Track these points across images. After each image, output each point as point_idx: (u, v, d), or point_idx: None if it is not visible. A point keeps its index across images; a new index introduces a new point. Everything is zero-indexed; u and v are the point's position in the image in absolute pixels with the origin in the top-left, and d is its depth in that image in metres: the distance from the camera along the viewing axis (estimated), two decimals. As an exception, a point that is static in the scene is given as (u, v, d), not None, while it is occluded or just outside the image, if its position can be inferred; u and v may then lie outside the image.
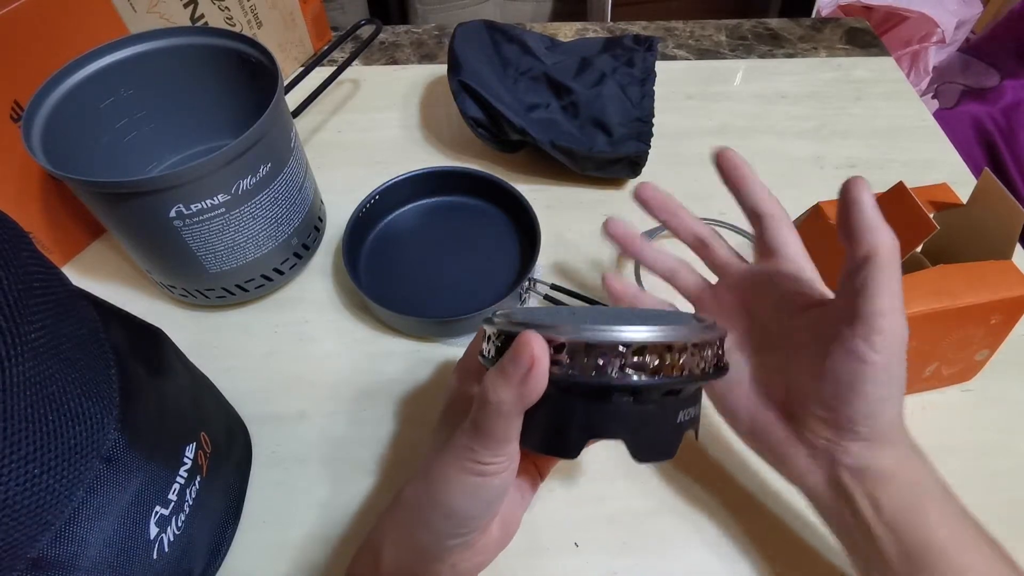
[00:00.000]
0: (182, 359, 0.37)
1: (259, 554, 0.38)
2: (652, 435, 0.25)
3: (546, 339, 0.23)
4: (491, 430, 0.24)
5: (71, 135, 0.43)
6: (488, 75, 0.56)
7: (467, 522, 0.26)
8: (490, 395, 0.23)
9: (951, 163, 0.59)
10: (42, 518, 0.24)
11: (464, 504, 0.25)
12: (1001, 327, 0.39)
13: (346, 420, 0.44)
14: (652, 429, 0.24)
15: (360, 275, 0.50)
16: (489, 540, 0.28)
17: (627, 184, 0.58)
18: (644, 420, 0.24)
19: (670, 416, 0.25)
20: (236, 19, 0.59)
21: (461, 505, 0.25)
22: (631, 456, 0.24)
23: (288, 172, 0.45)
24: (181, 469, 0.32)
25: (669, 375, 0.23)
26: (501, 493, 0.26)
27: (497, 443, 0.24)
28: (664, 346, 0.23)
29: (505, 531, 0.30)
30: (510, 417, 0.23)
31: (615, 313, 0.28)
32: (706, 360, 0.25)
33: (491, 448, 0.24)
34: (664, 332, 0.23)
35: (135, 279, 0.52)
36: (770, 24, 0.76)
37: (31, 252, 0.25)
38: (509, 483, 0.26)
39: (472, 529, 0.26)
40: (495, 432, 0.24)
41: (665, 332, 0.23)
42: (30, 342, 0.23)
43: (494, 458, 0.24)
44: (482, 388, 0.24)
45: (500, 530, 0.29)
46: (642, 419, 0.24)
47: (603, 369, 0.23)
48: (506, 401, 0.23)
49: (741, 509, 0.39)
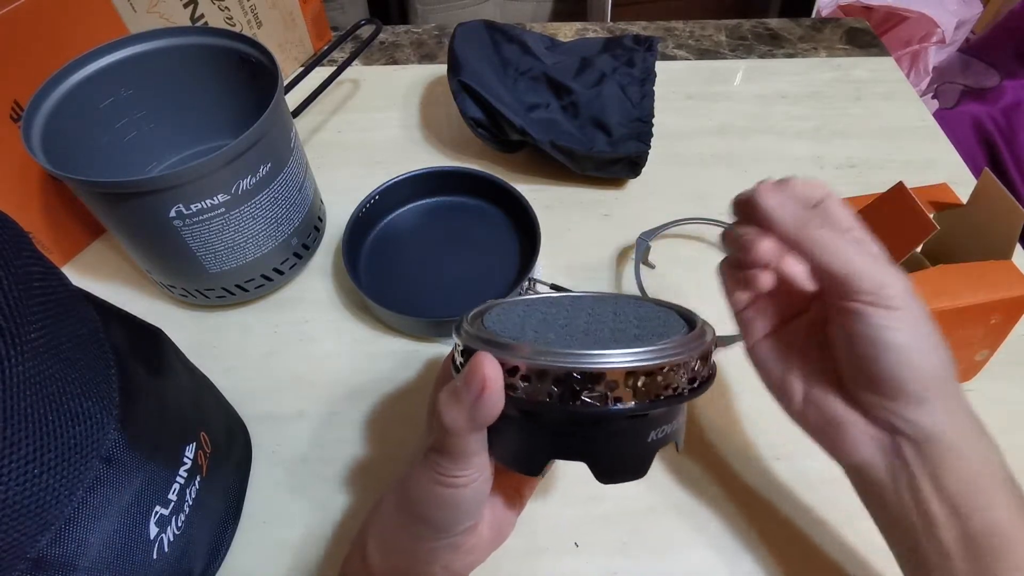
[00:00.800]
0: (182, 359, 0.37)
1: (259, 554, 0.38)
2: (617, 457, 0.24)
3: (502, 362, 0.22)
4: (450, 448, 0.24)
5: (71, 135, 0.43)
6: (488, 75, 0.56)
7: (446, 529, 0.26)
8: (442, 415, 0.23)
9: (951, 163, 0.59)
10: (42, 518, 0.24)
11: (437, 514, 0.25)
12: (1001, 327, 0.39)
13: (346, 420, 0.44)
14: (617, 451, 0.24)
15: (360, 275, 0.50)
16: (479, 541, 0.28)
17: (627, 184, 0.58)
18: (607, 443, 0.23)
19: (638, 437, 0.24)
20: (236, 19, 0.59)
21: (434, 515, 0.25)
22: (595, 478, 0.24)
23: (288, 172, 0.45)
24: (181, 469, 0.32)
25: (628, 402, 0.22)
26: (475, 503, 0.25)
27: (460, 459, 0.24)
28: (624, 373, 0.22)
29: (498, 532, 0.29)
30: (464, 436, 0.23)
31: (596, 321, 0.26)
32: (678, 382, 0.23)
33: (455, 463, 0.24)
34: (623, 357, 0.21)
35: (135, 279, 0.52)
36: (770, 24, 0.76)
37: (31, 252, 0.25)
38: (483, 492, 0.25)
39: (452, 535, 0.26)
40: (454, 450, 0.24)
41: (624, 357, 0.21)
42: (30, 342, 0.23)
43: (461, 471, 0.24)
44: (437, 408, 0.24)
45: (492, 531, 0.29)
46: (605, 442, 0.23)
47: (560, 396, 0.22)
48: (458, 421, 0.23)
49: (741, 509, 0.39)
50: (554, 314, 0.28)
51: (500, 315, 0.27)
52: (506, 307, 0.28)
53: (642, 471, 0.24)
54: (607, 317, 0.27)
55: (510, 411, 0.23)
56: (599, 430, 0.23)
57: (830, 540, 0.38)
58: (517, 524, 0.31)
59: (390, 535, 0.28)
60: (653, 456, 0.24)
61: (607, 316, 0.27)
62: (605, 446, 0.23)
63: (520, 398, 0.22)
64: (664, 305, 0.30)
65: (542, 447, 0.24)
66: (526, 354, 0.22)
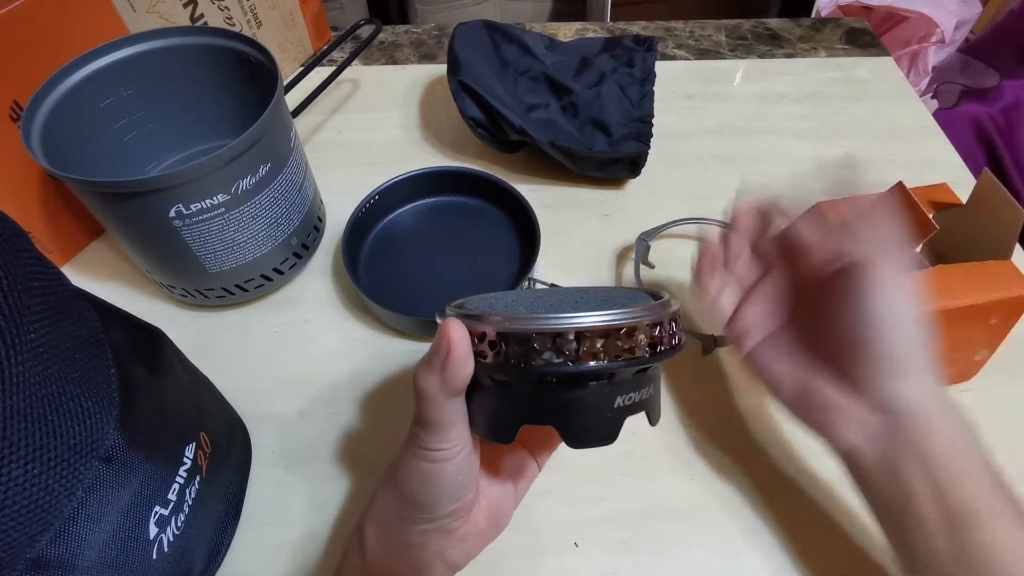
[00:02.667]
0: (182, 359, 0.37)
1: (259, 554, 0.38)
2: (585, 421, 0.25)
3: (471, 330, 0.24)
4: (426, 416, 0.25)
5: (71, 135, 0.43)
6: (488, 75, 0.56)
7: (429, 508, 0.26)
8: (418, 382, 0.25)
9: (951, 163, 0.59)
10: (42, 518, 0.24)
11: (419, 490, 0.26)
12: (1000, 327, 0.39)
13: (346, 420, 0.44)
14: (584, 415, 0.25)
15: (360, 275, 0.50)
16: (473, 528, 0.28)
17: (627, 184, 0.58)
18: (574, 406, 0.24)
19: (604, 401, 0.25)
20: (236, 19, 0.59)
21: (416, 491, 0.26)
22: (564, 442, 0.25)
23: (288, 172, 0.45)
24: (181, 469, 0.32)
25: (587, 362, 0.23)
26: (456, 480, 0.26)
27: (437, 428, 0.25)
28: (580, 333, 0.23)
29: (494, 522, 0.30)
30: (438, 402, 0.24)
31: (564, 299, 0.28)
32: (638, 344, 0.24)
33: (433, 433, 0.25)
34: (581, 319, 0.23)
35: (135, 279, 0.51)
36: (770, 24, 0.76)
37: (31, 252, 0.24)
38: (466, 470, 0.26)
39: (439, 515, 0.27)
40: (430, 418, 0.25)
41: (582, 319, 0.23)
42: (29, 342, 0.22)
43: (439, 443, 0.25)
44: (414, 377, 0.25)
45: (487, 520, 0.29)
46: (572, 405, 0.24)
47: (525, 358, 0.23)
48: (431, 386, 0.24)
49: (741, 508, 0.39)
50: (527, 296, 0.29)
51: (478, 300, 0.28)
52: (483, 297, 0.30)
53: (611, 436, 0.25)
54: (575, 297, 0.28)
55: (483, 380, 0.25)
56: (564, 393, 0.24)
57: (831, 540, 0.38)
58: (517, 524, 0.31)
59: (383, 520, 0.28)
60: (621, 422, 0.25)
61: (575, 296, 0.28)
62: (572, 410, 0.24)
63: (488, 364, 0.24)
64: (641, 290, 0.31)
65: (512, 412, 0.25)
66: (492, 322, 0.24)
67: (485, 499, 0.29)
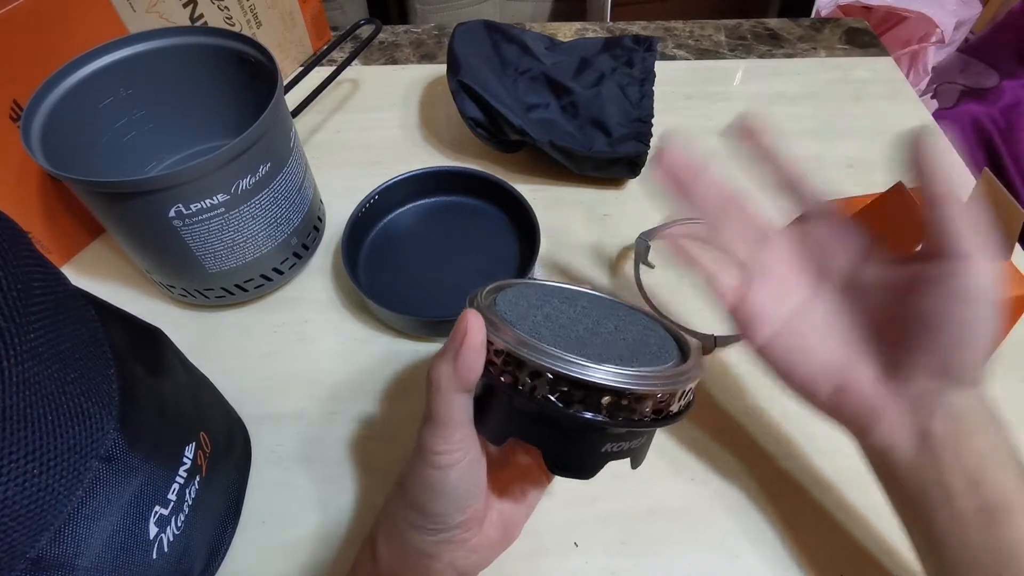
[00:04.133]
0: (181, 359, 0.37)
1: (259, 554, 0.38)
2: (569, 455, 0.25)
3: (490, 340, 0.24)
4: (434, 411, 0.25)
5: (70, 135, 0.43)
6: (487, 75, 0.56)
7: (436, 518, 0.26)
8: (431, 372, 0.25)
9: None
10: (41, 518, 0.24)
11: (425, 499, 0.26)
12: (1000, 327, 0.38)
13: (346, 420, 0.44)
14: (570, 451, 0.25)
15: (359, 275, 0.50)
16: (484, 540, 0.28)
17: (627, 184, 0.58)
18: (563, 440, 0.25)
19: (593, 445, 0.25)
20: (235, 19, 0.59)
21: (423, 500, 0.26)
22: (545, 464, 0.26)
23: (287, 172, 0.45)
24: (181, 469, 0.32)
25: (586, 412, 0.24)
26: (461, 489, 0.26)
27: (443, 426, 0.25)
28: (590, 386, 0.23)
29: (505, 533, 0.30)
30: (447, 396, 0.24)
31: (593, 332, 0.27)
32: (642, 411, 0.24)
33: (439, 432, 0.25)
34: (596, 373, 0.23)
35: (135, 279, 0.51)
36: (769, 24, 0.76)
37: (30, 252, 0.24)
38: (468, 479, 0.26)
39: (447, 526, 0.26)
40: (437, 413, 0.25)
41: (598, 373, 0.23)
42: (29, 342, 0.22)
43: (444, 444, 0.25)
44: (429, 368, 0.25)
45: (498, 532, 0.29)
46: (561, 439, 0.25)
47: (530, 385, 0.24)
48: (443, 376, 0.24)
49: (741, 508, 0.39)
50: (561, 311, 0.29)
51: (514, 297, 0.28)
52: (522, 288, 0.30)
53: (590, 474, 0.26)
54: (607, 330, 0.28)
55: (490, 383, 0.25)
56: (557, 427, 0.25)
57: (831, 540, 0.38)
58: (518, 523, 0.31)
59: (394, 530, 0.28)
60: (603, 464, 0.26)
61: (608, 329, 0.28)
62: (560, 443, 0.25)
63: (495, 372, 0.25)
64: (672, 330, 0.31)
65: (507, 423, 0.26)
66: (508, 339, 0.24)
67: (496, 511, 0.29)
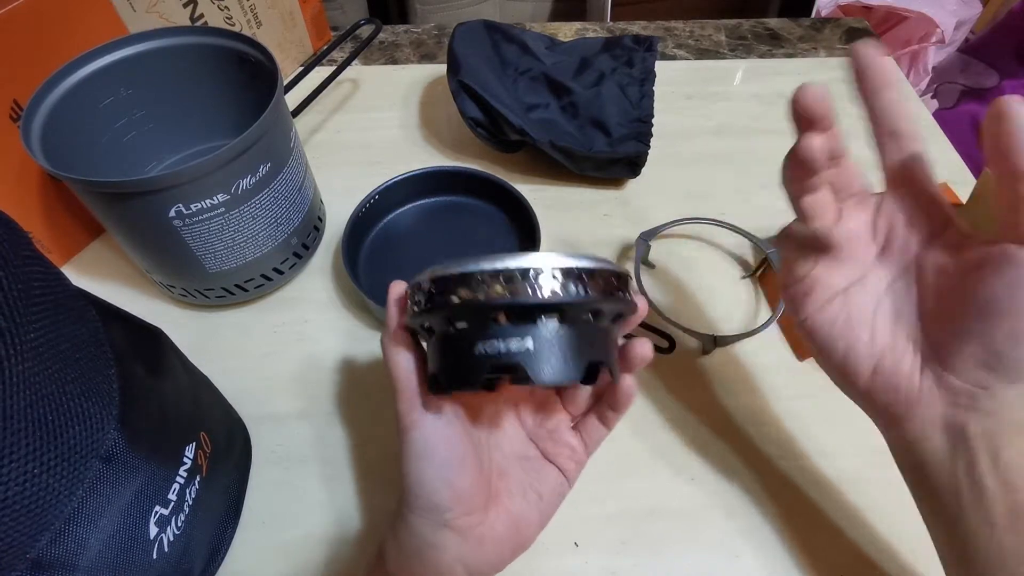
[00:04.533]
0: (181, 359, 0.37)
1: (259, 554, 0.38)
2: (448, 364, 0.26)
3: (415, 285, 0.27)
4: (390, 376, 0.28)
5: (70, 135, 0.43)
6: (487, 75, 0.56)
7: (424, 495, 0.27)
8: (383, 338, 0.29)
9: (951, 163, 0.59)
10: (42, 518, 0.24)
11: (406, 469, 0.28)
12: None
13: (345, 420, 0.44)
14: (450, 357, 0.26)
15: (360, 275, 0.50)
16: (489, 532, 0.28)
17: (627, 184, 0.58)
18: (442, 351, 0.26)
19: (463, 345, 0.25)
20: (235, 19, 0.59)
21: (406, 472, 0.28)
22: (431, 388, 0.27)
23: (287, 172, 0.45)
24: (181, 469, 0.32)
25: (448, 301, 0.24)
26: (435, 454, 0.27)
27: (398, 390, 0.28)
28: (446, 278, 0.24)
29: (516, 532, 0.30)
30: (391, 354, 0.28)
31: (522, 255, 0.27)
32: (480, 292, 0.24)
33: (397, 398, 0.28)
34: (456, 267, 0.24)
35: (135, 279, 0.51)
36: (769, 24, 0.76)
37: (31, 252, 0.25)
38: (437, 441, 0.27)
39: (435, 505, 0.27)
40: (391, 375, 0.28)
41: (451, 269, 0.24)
42: (29, 342, 0.22)
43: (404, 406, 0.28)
44: None
45: (507, 528, 0.29)
46: (445, 349, 0.26)
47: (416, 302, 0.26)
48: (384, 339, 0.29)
49: (741, 508, 0.39)
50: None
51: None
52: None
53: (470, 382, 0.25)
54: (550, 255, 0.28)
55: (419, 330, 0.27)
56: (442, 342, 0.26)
57: (831, 541, 0.38)
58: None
59: (399, 524, 0.28)
60: (481, 370, 0.25)
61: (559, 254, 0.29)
62: (443, 356, 0.26)
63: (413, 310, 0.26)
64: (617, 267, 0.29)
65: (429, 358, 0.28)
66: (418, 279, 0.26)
67: (504, 507, 0.29)
